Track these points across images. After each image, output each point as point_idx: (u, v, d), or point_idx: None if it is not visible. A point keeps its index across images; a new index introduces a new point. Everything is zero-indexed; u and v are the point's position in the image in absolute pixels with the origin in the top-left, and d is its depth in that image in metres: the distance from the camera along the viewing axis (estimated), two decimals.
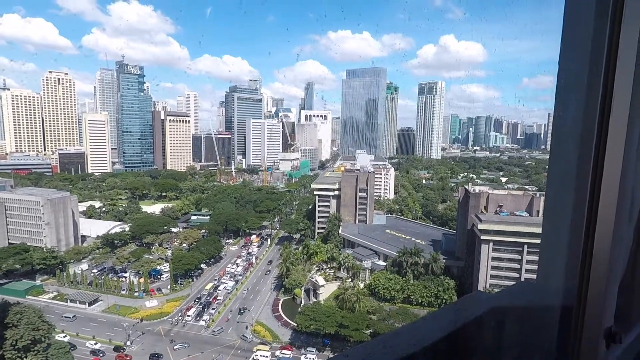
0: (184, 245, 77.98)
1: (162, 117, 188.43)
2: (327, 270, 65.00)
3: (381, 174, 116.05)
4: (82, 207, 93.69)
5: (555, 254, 1.77)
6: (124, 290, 62.95)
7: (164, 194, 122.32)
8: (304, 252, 68.04)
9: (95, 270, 69.23)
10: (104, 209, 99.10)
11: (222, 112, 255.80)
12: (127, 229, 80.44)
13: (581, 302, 1.39)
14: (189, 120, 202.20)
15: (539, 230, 1.83)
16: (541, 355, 1.61)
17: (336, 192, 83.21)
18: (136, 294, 61.91)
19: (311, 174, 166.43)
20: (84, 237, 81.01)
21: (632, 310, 1.65)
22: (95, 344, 48.71)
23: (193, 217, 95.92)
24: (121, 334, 50.25)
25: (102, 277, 65.32)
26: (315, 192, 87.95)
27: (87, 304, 58.10)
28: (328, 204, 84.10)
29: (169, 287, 64.63)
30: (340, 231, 76.55)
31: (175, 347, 48.35)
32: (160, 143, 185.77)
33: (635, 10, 1.25)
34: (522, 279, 50.17)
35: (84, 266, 69.59)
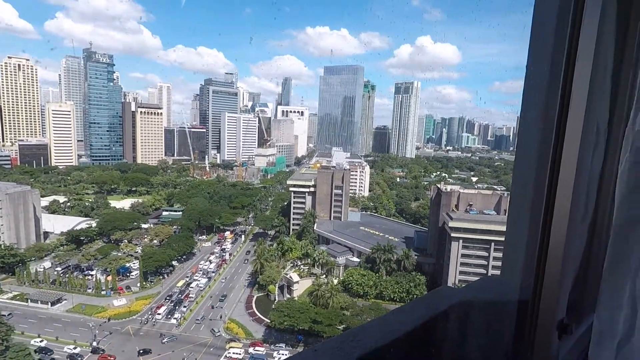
0: (155, 241, 75.92)
1: (133, 108, 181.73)
2: (302, 266, 65.14)
3: (357, 171, 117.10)
4: (45, 202, 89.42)
5: (516, 250, 1.87)
6: (90, 288, 60.64)
7: (134, 189, 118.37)
8: (278, 249, 67.88)
9: (58, 269, 66.15)
10: (68, 203, 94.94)
11: (196, 105, 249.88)
12: (94, 224, 77.39)
13: (536, 296, 1.49)
14: (162, 113, 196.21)
15: (504, 228, 1.93)
16: (501, 346, 1.70)
17: (312, 189, 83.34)
18: (103, 292, 59.82)
19: (287, 170, 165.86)
20: (46, 234, 77.27)
21: (584, 303, 1.77)
22: (75, 348, 46.16)
23: (164, 213, 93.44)
24: (87, 334, 48.44)
25: (67, 276, 62.46)
26: (290, 189, 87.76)
27: (49, 303, 55.46)
28: (303, 200, 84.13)
29: (138, 285, 62.81)
30: (315, 228, 76.82)
31: (163, 341, 48.12)
32: (131, 136, 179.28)
33: (593, 20, 1.36)
34: (489, 275, 52.12)
35: (47, 264, 66.45)
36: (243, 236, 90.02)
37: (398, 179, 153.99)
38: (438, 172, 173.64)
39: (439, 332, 1.69)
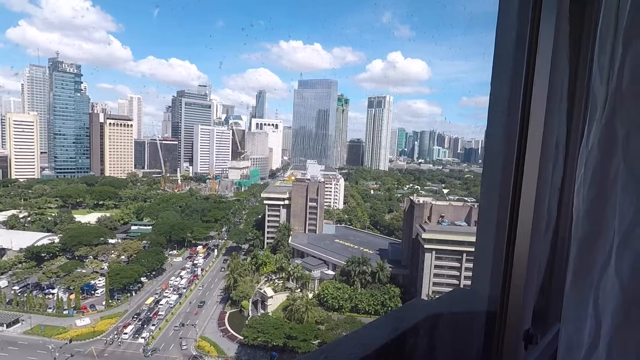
0: (123, 257, 72.90)
1: (101, 120, 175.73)
2: (276, 280, 64.16)
3: (331, 184, 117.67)
4: (2, 216, 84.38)
5: (485, 262, 1.92)
6: (50, 308, 57.17)
7: (101, 203, 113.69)
8: (252, 263, 66.64)
9: (16, 287, 61.97)
10: (29, 218, 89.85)
11: (168, 117, 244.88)
12: (57, 240, 73.46)
13: (503, 307, 1.54)
14: (132, 125, 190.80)
15: (474, 239, 1.98)
16: (471, 357, 1.72)
17: (286, 202, 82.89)
18: (65, 312, 56.52)
19: (261, 183, 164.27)
20: (3, 251, 72.57)
21: (549, 313, 1.83)
22: None
23: (134, 227, 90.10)
24: (46, 358, 45.46)
25: (25, 295, 58.66)
26: (265, 202, 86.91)
27: (4, 325, 51.77)
28: (278, 213, 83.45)
29: (104, 303, 59.82)
30: (289, 241, 76.14)
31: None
32: (99, 148, 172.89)
33: (547, 43, 1.46)
34: (461, 286, 53.20)
35: (3, 282, 62.24)
36: (216, 250, 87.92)
37: (372, 192, 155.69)
38: (411, 185, 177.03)
39: (410, 345, 1.69)
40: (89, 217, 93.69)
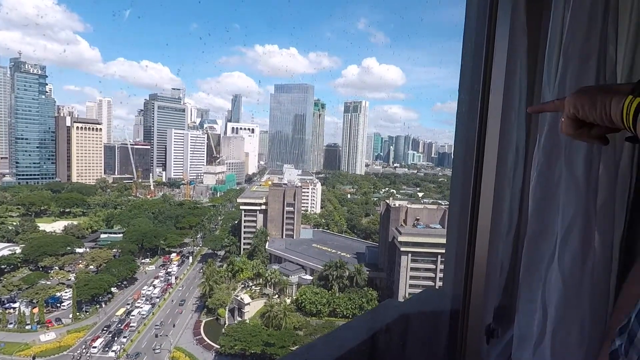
0: (92, 267, 70.10)
1: (68, 123, 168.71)
2: (253, 287, 63.40)
3: (308, 188, 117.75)
4: None
5: (452, 262, 2.01)
6: (11, 323, 54.12)
7: (67, 210, 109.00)
8: (228, 270, 65.62)
9: None
10: None
11: (140, 121, 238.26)
12: (19, 250, 69.82)
13: (466, 304, 1.63)
14: (101, 128, 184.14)
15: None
16: (438, 354, 1.80)
17: (263, 207, 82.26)
18: (28, 327, 53.65)
19: (237, 188, 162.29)
20: None
21: (509, 309, 1.93)
22: None
23: (103, 236, 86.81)
24: None
25: None
26: (241, 207, 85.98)
27: None
28: (255, 218, 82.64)
29: (71, 316, 57.20)
30: (267, 246, 75.51)
31: None
32: (65, 153, 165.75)
33: (501, 55, 1.58)
34: (436, 287, 54.27)
35: None
36: (191, 258, 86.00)
37: (349, 196, 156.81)
38: (387, 188, 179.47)
39: (382, 345, 1.75)
40: (55, 226, 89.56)
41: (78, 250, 76.80)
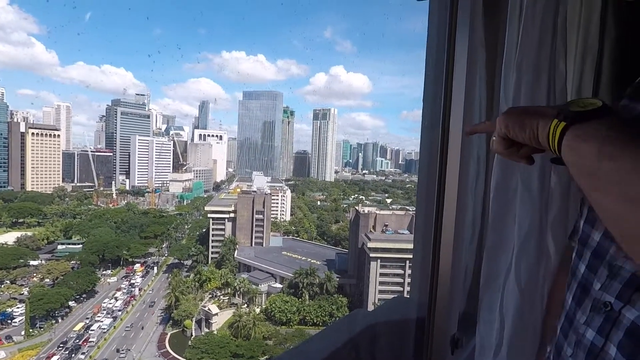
0: (47, 280, 66.02)
1: (23, 129, 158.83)
2: (222, 297, 61.92)
3: (278, 195, 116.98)
4: None
5: (418, 270, 2.03)
6: None
7: (21, 221, 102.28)
8: (195, 279, 63.81)
9: None
10: None
11: (102, 128, 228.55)
12: None
13: (431, 313, 1.65)
14: (59, 135, 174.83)
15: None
16: None
17: (232, 215, 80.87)
18: None
19: (205, 195, 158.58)
20: None
21: (472, 317, 1.98)
22: None
23: (60, 247, 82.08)
24: None
25: None
26: (209, 215, 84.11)
27: None
28: (223, 227, 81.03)
29: (23, 332, 53.47)
30: (235, 255, 74.14)
31: None
32: (19, 160, 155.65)
33: (461, 67, 1.64)
34: (405, 292, 55.24)
35: None
36: (156, 268, 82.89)
37: (319, 202, 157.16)
38: (356, 195, 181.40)
39: (350, 356, 1.73)
40: (6, 237, 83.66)
41: (32, 262, 72.03)
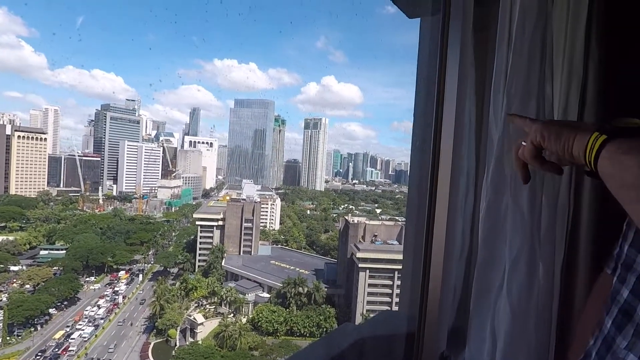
0: (28, 286, 64.21)
1: (8, 132, 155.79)
2: (208, 306, 60.92)
3: (267, 204, 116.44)
4: None
5: (407, 284, 2.03)
6: None
7: (2, 225, 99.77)
8: (181, 288, 62.74)
9: None
10: None
11: (90, 132, 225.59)
12: None
13: (421, 329, 1.65)
14: (46, 138, 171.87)
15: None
16: None
17: (220, 222, 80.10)
18: None
19: (194, 202, 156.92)
20: None
21: (462, 335, 1.99)
22: None
23: (43, 252, 79.99)
24: None
25: None
26: (197, 222, 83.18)
27: None
28: (211, 234, 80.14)
29: (0, 340, 51.72)
30: (223, 263, 73.24)
31: None
32: (3, 163, 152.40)
33: (452, 84, 1.69)
34: (393, 303, 55.13)
35: None
36: (141, 275, 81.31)
37: (308, 212, 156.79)
38: (346, 205, 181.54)
39: None
40: None
41: (13, 268, 70.00)
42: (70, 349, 52.16)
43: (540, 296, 1.34)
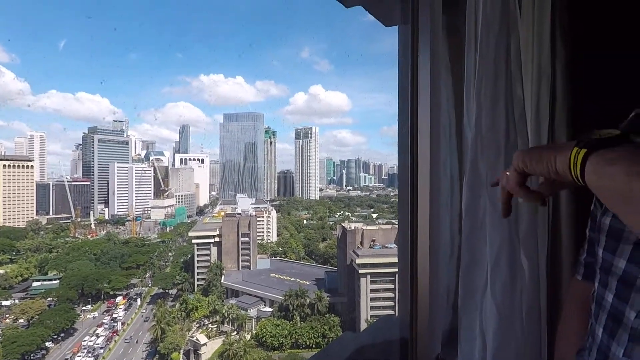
0: (21, 320, 62.67)
1: None
2: (210, 325, 60.08)
3: (263, 216, 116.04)
4: None
5: (403, 288, 2.04)
6: None
7: None
8: (181, 309, 61.83)
9: None
10: None
11: (78, 156, 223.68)
12: None
13: (414, 333, 1.65)
14: (32, 166, 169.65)
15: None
16: None
17: (217, 239, 79.50)
18: None
19: (188, 221, 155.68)
20: None
21: (456, 337, 1.99)
22: None
23: (35, 284, 78.31)
24: None
25: None
26: (193, 241, 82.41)
27: None
28: (208, 252, 79.42)
29: None
30: (222, 280, 72.48)
31: None
32: None
33: (424, 88, 1.73)
34: (396, 307, 54.93)
35: None
36: (139, 300, 79.99)
37: (305, 221, 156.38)
38: (342, 212, 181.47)
39: None
40: None
41: (4, 303, 68.39)
42: None
43: (525, 293, 1.35)
